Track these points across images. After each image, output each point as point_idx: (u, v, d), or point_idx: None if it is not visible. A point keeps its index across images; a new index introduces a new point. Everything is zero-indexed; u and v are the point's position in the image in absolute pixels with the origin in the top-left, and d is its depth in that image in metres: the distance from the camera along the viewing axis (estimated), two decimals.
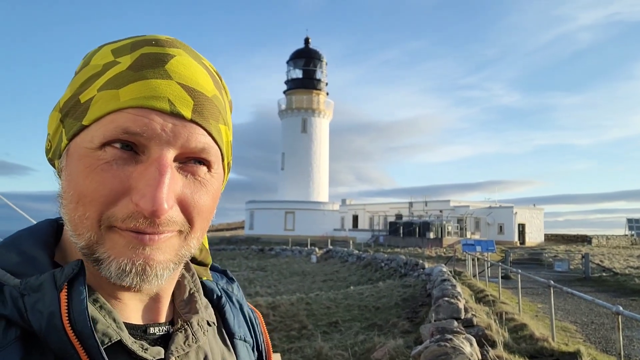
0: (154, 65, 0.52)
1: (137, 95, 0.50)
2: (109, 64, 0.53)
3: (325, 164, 54.39)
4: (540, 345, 6.51)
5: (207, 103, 0.54)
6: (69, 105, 0.53)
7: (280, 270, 24.59)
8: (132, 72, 0.51)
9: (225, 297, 0.71)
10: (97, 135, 0.50)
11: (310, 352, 7.41)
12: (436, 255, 28.03)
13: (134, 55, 0.52)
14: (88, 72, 0.54)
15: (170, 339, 0.58)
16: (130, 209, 0.49)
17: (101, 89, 0.51)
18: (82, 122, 0.51)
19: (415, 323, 9.21)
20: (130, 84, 0.50)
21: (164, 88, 0.51)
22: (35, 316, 0.48)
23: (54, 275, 0.49)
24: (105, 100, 0.50)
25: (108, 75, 0.52)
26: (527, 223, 43.45)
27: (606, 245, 44.02)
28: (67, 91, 0.55)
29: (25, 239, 0.55)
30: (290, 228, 47.23)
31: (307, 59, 54.75)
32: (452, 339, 4.59)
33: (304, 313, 10.89)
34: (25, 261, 0.52)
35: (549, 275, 18.44)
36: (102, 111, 0.50)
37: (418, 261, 18.42)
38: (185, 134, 0.51)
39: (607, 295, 13.94)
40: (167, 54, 0.53)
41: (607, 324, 9.82)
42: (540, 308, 11.87)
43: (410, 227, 39.09)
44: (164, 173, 0.49)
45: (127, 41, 0.55)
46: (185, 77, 0.53)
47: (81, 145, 0.51)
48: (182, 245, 0.54)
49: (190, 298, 0.64)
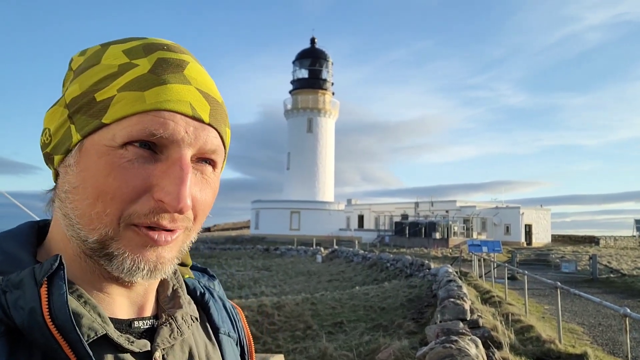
0: (174, 71, 0.55)
1: (163, 99, 0.53)
2: (126, 65, 0.54)
3: (330, 163, 54.40)
4: (546, 347, 6.46)
5: (219, 108, 0.58)
6: (79, 102, 0.54)
7: (285, 270, 24.62)
8: (155, 75, 0.54)
9: (208, 294, 0.72)
10: (120, 134, 0.52)
11: (315, 353, 7.39)
12: (442, 256, 27.95)
13: (151, 59, 0.55)
14: (102, 71, 0.55)
15: (156, 332, 0.59)
16: (152, 205, 0.51)
17: (122, 90, 0.53)
18: (101, 120, 0.52)
19: (420, 324, 9.17)
20: (154, 87, 0.53)
21: (186, 93, 0.54)
22: (17, 312, 0.48)
23: (33, 271, 0.50)
24: (130, 101, 0.52)
25: (128, 77, 0.53)
26: (534, 224, 43.25)
27: (614, 246, 43.73)
28: (75, 87, 0.55)
29: (6, 240, 0.56)
30: (295, 228, 47.27)
31: (313, 58, 54.80)
32: (458, 340, 4.55)
33: (309, 313, 10.88)
34: (7, 260, 0.53)
35: (556, 276, 18.33)
36: (127, 111, 0.52)
37: (424, 261, 18.36)
38: (204, 137, 0.55)
39: (615, 296, 13.84)
40: (183, 60, 0.56)
41: (615, 325, 9.74)
42: (547, 309, 11.80)
43: (416, 227, 39.01)
44: (187, 172, 0.53)
45: (135, 43, 0.57)
46: (201, 83, 0.57)
47: (100, 142, 0.52)
48: (185, 241, 0.57)
49: (173, 294, 0.65)
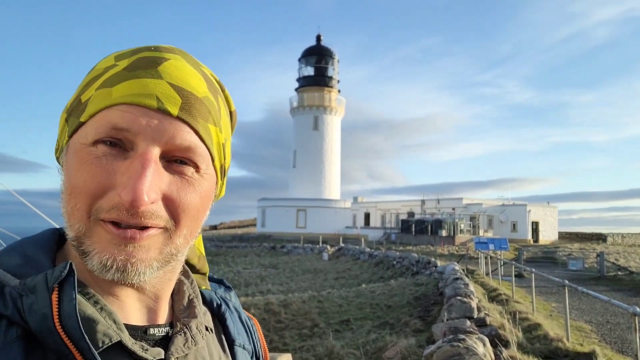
0: (147, 67, 0.55)
1: (127, 93, 0.53)
2: (109, 67, 0.57)
3: (337, 161, 54.34)
4: (554, 345, 6.43)
5: (196, 102, 0.56)
6: (72, 105, 0.57)
7: (292, 267, 24.66)
8: (126, 72, 0.55)
9: (224, 305, 0.73)
10: (90, 132, 0.53)
11: (321, 351, 7.41)
12: (448, 253, 27.88)
13: (132, 59, 0.56)
14: (91, 75, 0.58)
15: (170, 341, 0.59)
16: (116, 201, 0.51)
17: (99, 89, 0.55)
18: (79, 119, 0.55)
19: (427, 322, 9.16)
20: (122, 82, 0.54)
21: (153, 86, 0.54)
22: (32, 317, 0.49)
23: (46, 276, 0.50)
24: (100, 98, 0.54)
25: (106, 76, 0.55)
26: (540, 221, 43.02)
27: (621, 243, 43.44)
28: (74, 94, 0.59)
29: (27, 244, 0.57)
30: (302, 225, 47.30)
31: (318, 56, 54.69)
32: (465, 339, 4.54)
33: (315, 311, 10.90)
34: (26, 263, 0.54)
35: (563, 273, 18.24)
36: (96, 108, 0.53)
37: (430, 259, 18.33)
38: (171, 131, 0.53)
39: (623, 294, 13.76)
40: (162, 57, 0.56)
41: (623, 323, 9.68)
42: (554, 307, 11.75)
43: (423, 224, 38.93)
44: (147, 167, 0.51)
45: (131, 49, 0.59)
46: (176, 77, 0.56)
47: (77, 141, 0.54)
48: (166, 244, 0.55)
49: (189, 304, 0.66)
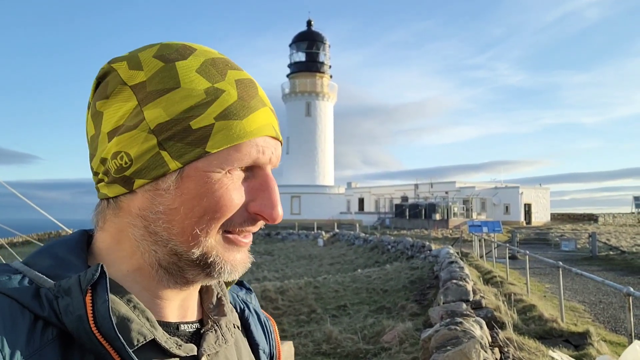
0: (254, 94, 0.60)
1: (257, 126, 0.58)
2: (212, 91, 0.57)
3: (330, 147, 54.30)
4: (549, 326, 6.52)
5: (277, 120, 0.64)
6: (171, 129, 0.55)
7: (287, 254, 24.75)
8: (244, 102, 0.58)
9: (247, 310, 0.75)
10: (226, 162, 0.56)
11: (320, 336, 7.47)
12: (442, 237, 28.07)
13: (231, 82, 0.58)
14: (188, 97, 0.56)
15: (202, 338, 0.62)
16: (245, 216, 0.59)
17: (219, 119, 0.56)
18: (204, 148, 0.55)
19: (423, 305, 9.25)
20: (248, 115, 0.57)
21: (268, 116, 0.60)
22: (68, 318, 0.51)
23: (79, 279, 0.52)
24: (231, 130, 0.56)
25: (221, 105, 0.56)
26: (533, 203, 43.37)
27: (613, 223, 43.93)
28: (158, 113, 0.55)
29: (58, 246, 0.59)
30: (296, 212, 47.38)
31: (309, 41, 54.28)
32: (463, 322, 4.60)
33: (312, 297, 10.97)
34: (58, 264, 0.56)
35: (556, 254, 18.45)
36: (231, 141, 0.56)
37: (425, 243, 18.45)
38: (278, 153, 0.62)
39: (615, 274, 13.95)
40: (251, 79, 0.61)
41: (616, 302, 9.84)
42: (548, 288, 11.90)
43: (416, 209, 39.12)
44: (275, 185, 0.60)
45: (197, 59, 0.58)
46: (267, 100, 0.62)
47: (206, 169, 0.56)
48: None
49: (218, 302, 0.68)
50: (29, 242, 23.01)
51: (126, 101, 0.56)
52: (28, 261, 0.57)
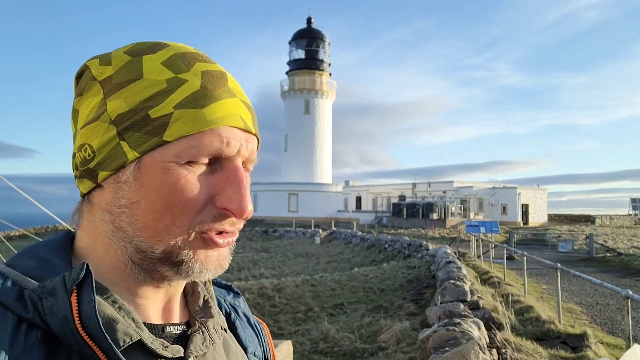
0: (222, 85, 0.57)
1: (220, 115, 0.55)
2: (174, 80, 0.55)
3: (328, 145, 54.27)
4: (546, 327, 6.53)
5: (255, 115, 0.61)
6: (130, 118, 0.55)
7: (284, 251, 24.75)
8: (207, 91, 0.56)
9: (234, 313, 0.73)
10: (186, 152, 0.54)
11: (317, 335, 7.46)
12: (439, 236, 28.11)
13: (196, 73, 0.57)
14: (149, 87, 0.55)
15: (189, 339, 0.60)
16: (215, 213, 0.55)
17: (179, 107, 0.54)
18: (161, 137, 0.54)
19: (420, 305, 9.25)
20: (211, 104, 0.55)
21: (236, 106, 0.57)
22: (53, 319, 0.49)
23: (64, 279, 0.51)
24: (190, 119, 0.54)
25: (182, 94, 0.55)
26: (530, 203, 43.45)
27: (610, 225, 44.05)
28: (119, 103, 0.55)
29: (41, 247, 0.58)
30: (293, 210, 47.38)
31: (309, 39, 54.20)
32: (461, 323, 4.59)
33: (309, 295, 10.96)
34: (41, 265, 0.55)
35: (553, 255, 18.49)
36: (190, 130, 0.54)
37: (422, 242, 18.45)
38: (251, 147, 0.59)
39: (612, 275, 13.98)
40: (221, 71, 0.59)
41: (613, 304, 9.86)
42: (545, 289, 11.92)
43: (414, 208, 39.16)
44: (244, 179, 0.57)
45: (166, 52, 0.58)
46: (241, 93, 0.60)
47: (163, 159, 0.54)
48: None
49: (205, 304, 0.66)
50: (26, 236, 22.96)
51: (95, 95, 0.57)
52: (11, 263, 0.56)
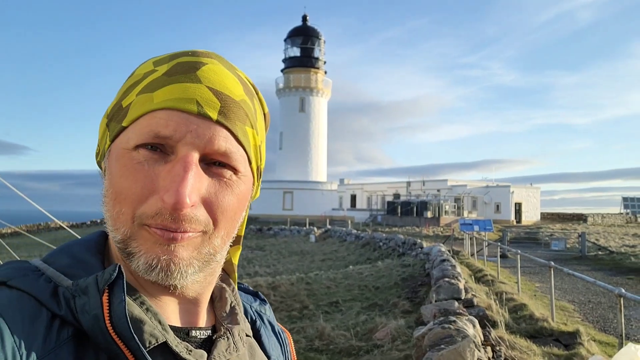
0: (186, 72, 0.56)
1: (168, 98, 0.54)
2: (149, 72, 0.58)
3: (323, 143, 54.23)
4: (540, 325, 6.59)
5: (233, 105, 0.57)
6: (113, 110, 0.58)
7: (279, 249, 24.73)
8: (166, 77, 0.56)
9: (259, 321, 0.73)
10: (132, 137, 0.54)
11: (312, 333, 7.48)
12: (434, 235, 28.20)
13: (171, 64, 0.57)
14: (131, 80, 0.59)
15: (213, 345, 0.60)
16: (158, 206, 0.52)
17: (140, 94, 0.56)
18: (121, 124, 0.56)
19: (415, 303, 9.30)
20: (163, 87, 0.55)
21: (193, 91, 0.55)
22: (84, 317, 0.51)
23: (97, 278, 0.52)
24: (141, 103, 0.55)
25: (146, 82, 0.57)
26: (523, 202, 43.68)
27: (601, 223, 44.36)
28: (114, 99, 0.60)
29: (76, 245, 0.59)
30: (288, 208, 47.34)
31: (304, 36, 54.06)
32: (456, 320, 4.63)
33: (304, 293, 10.97)
34: (75, 264, 0.56)
35: (546, 254, 18.61)
36: (137, 113, 0.55)
37: (416, 240, 18.51)
38: (210, 135, 0.54)
39: (603, 273, 14.09)
40: (200, 61, 0.57)
41: (605, 302, 9.95)
42: (538, 287, 12.00)
43: (408, 206, 39.24)
44: (188, 170, 0.52)
45: (169, 54, 0.60)
46: (215, 81, 0.57)
47: (119, 146, 0.55)
48: (204, 244, 0.56)
49: (231, 311, 0.67)
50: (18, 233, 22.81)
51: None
52: (47, 259, 0.57)
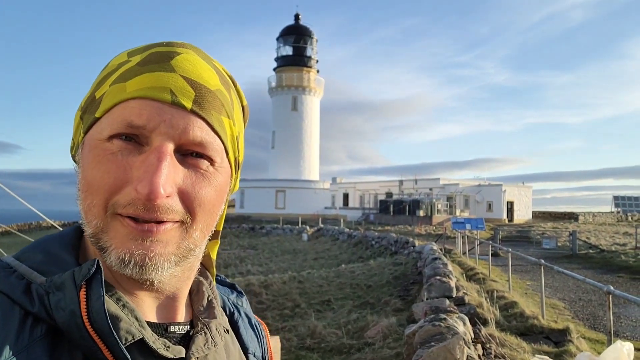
0: (160, 61, 0.55)
1: (141, 87, 0.53)
2: (122, 62, 0.57)
3: (316, 142, 54.24)
4: (530, 322, 6.62)
5: (208, 95, 0.56)
6: (87, 102, 0.57)
7: (271, 248, 24.71)
8: (139, 67, 0.55)
9: (237, 313, 0.73)
10: (105, 127, 0.53)
11: (304, 331, 7.48)
12: (426, 233, 28.30)
13: (144, 54, 0.56)
14: (105, 72, 0.58)
15: (191, 340, 0.60)
16: (132, 196, 0.51)
17: (112, 84, 0.55)
18: (94, 114, 0.55)
19: (407, 301, 9.32)
20: (136, 76, 0.54)
21: (167, 80, 0.54)
22: (59, 313, 0.49)
23: (73, 274, 0.51)
24: (114, 93, 0.54)
25: (119, 72, 0.55)
26: (515, 201, 43.93)
27: (592, 222, 44.73)
28: (88, 92, 0.59)
29: (51, 241, 0.58)
30: (281, 206, 47.32)
31: (297, 35, 54.02)
32: (446, 318, 4.64)
33: (296, 291, 10.97)
34: (50, 260, 0.54)
35: (537, 252, 18.71)
36: (110, 103, 0.54)
37: (408, 239, 18.56)
38: (184, 125, 0.53)
39: (594, 272, 14.20)
40: (175, 51, 0.56)
41: (595, 300, 10.03)
42: (529, 285, 12.07)
43: (400, 205, 39.35)
44: (162, 160, 0.51)
45: (143, 45, 0.59)
46: (189, 71, 0.55)
47: (93, 137, 0.54)
48: (183, 237, 0.55)
49: (208, 304, 0.66)
50: (10, 232, 22.63)
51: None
52: (19, 256, 0.56)
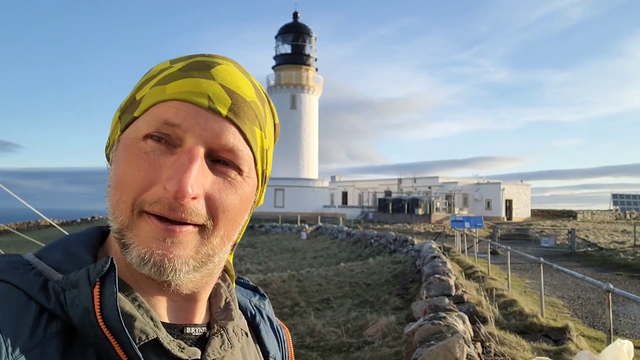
0: (201, 69, 0.57)
1: (180, 90, 0.55)
2: (164, 68, 0.59)
3: (314, 140, 54.22)
4: (529, 321, 6.63)
5: (244, 105, 0.58)
6: (127, 103, 0.59)
7: (270, 247, 24.71)
8: (181, 72, 0.57)
9: (259, 316, 0.73)
10: (142, 126, 0.55)
11: (303, 329, 7.48)
12: (425, 231, 28.32)
13: (186, 62, 0.58)
14: (146, 76, 0.60)
15: (207, 342, 0.60)
16: (160, 194, 0.52)
17: (153, 87, 0.57)
18: (132, 114, 0.57)
19: (406, 300, 9.32)
20: (176, 80, 0.56)
21: (206, 86, 0.56)
22: (73, 310, 0.50)
23: (88, 271, 0.52)
24: (154, 94, 0.56)
25: (161, 76, 0.58)
26: (514, 199, 43.98)
27: (591, 220, 44.77)
28: (129, 94, 0.61)
29: (71, 241, 0.59)
30: (280, 205, 47.30)
31: (295, 33, 53.96)
32: (446, 317, 4.64)
33: (295, 290, 10.96)
34: (68, 259, 0.55)
35: (536, 250, 18.75)
36: (149, 103, 0.56)
37: (407, 237, 18.58)
38: (218, 129, 0.55)
39: (593, 270, 14.22)
40: (215, 62, 0.59)
41: (594, 298, 10.04)
42: (528, 283, 12.09)
43: (399, 203, 39.37)
44: (193, 161, 0.52)
45: (187, 55, 0.61)
46: (228, 80, 0.57)
47: (129, 136, 0.56)
48: (203, 243, 0.55)
49: (226, 306, 0.66)
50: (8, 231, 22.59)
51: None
52: (40, 254, 0.57)
